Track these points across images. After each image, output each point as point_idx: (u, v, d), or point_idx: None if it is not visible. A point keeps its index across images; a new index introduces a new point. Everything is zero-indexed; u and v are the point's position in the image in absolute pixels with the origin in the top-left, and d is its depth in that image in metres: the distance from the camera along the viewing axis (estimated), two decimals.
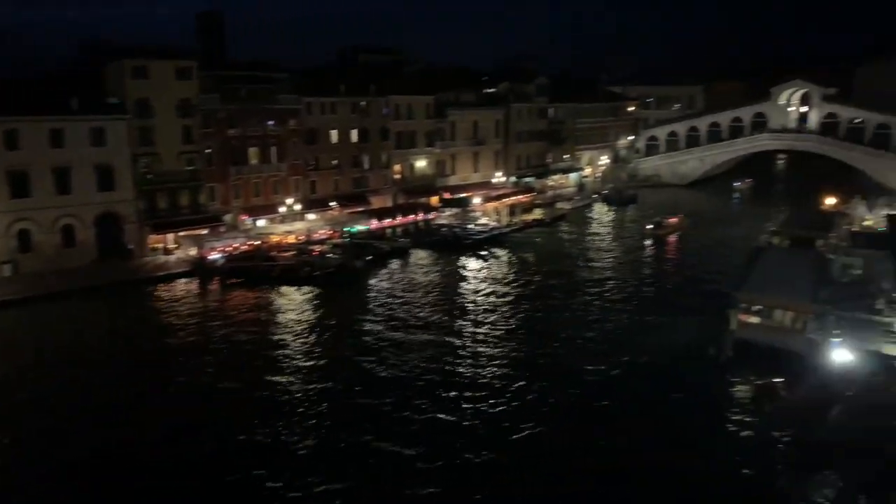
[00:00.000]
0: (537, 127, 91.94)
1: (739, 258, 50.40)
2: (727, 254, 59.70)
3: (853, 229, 57.43)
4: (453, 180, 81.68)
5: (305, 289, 51.80)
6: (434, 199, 76.69)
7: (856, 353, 32.70)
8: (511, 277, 55.29)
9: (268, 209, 65.63)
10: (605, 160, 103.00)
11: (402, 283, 53.44)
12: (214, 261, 55.64)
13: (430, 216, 72.55)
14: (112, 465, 26.86)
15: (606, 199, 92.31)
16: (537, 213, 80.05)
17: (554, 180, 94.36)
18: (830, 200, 72.13)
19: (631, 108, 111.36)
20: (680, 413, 30.94)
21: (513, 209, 77.80)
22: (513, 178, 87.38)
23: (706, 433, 29.08)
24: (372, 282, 54.03)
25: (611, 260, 61.32)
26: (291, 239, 60.79)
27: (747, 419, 30.39)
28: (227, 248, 57.01)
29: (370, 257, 58.51)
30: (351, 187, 72.18)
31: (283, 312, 46.75)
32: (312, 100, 68.49)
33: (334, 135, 70.62)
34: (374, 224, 66.29)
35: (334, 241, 61.51)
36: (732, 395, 33.02)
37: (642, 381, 34.43)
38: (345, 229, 62.70)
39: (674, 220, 73.10)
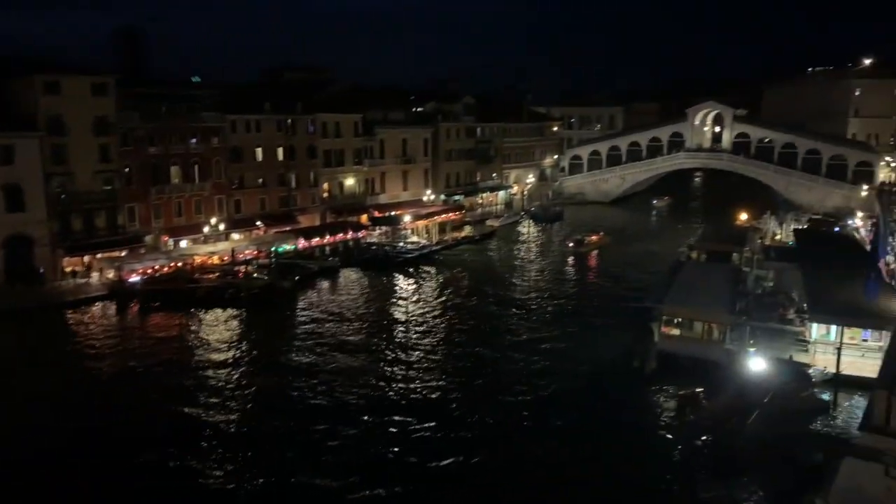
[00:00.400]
0: (466, 146, 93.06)
1: (660, 272, 52.14)
2: (649, 268, 61.66)
3: (765, 243, 60.57)
4: (383, 198, 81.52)
5: (230, 311, 50.37)
6: (363, 218, 76.27)
7: (770, 361, 34.34)
8: (442, 295, 55.43)
9: (191, 229, 63.70)
10: (531, 178, 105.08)
11: (331, 304, 52.73)
12: (134, 283, 53.49)
13: (360, 235, 72.08)
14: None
15: (533, 217, 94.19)
16: (467, 231, 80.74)
17: (483, 198, 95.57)
18: (743, 216, 75.91)
19: (555, 128, 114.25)
20: (607, 425, 31.58)
21: (443, 227, 78.24)
22: (442, 196, 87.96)
23: (632, 443, 29.75)
24: (300, 303, 53.08)
25: (538, 276, 62.38)
26: (216, 260, 59.11)
27: (671, 428, 31.34)
28: (147, 270, 54.91)
29: (298, 277, 57.52)
30: (278, 206, 70.98)
31: (206, 336, 45.26)
32: (237, 117, 67.19)
33: (260, 153, 69.41)
34: (301, 243, 65.27)
35: (260, 261, 60.18)
36: (657, 406, 34.00)
37: (571, 396, 34.99)
38: (271, 249, 61.44)
39: (595, 237, 74.85)
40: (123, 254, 57.64)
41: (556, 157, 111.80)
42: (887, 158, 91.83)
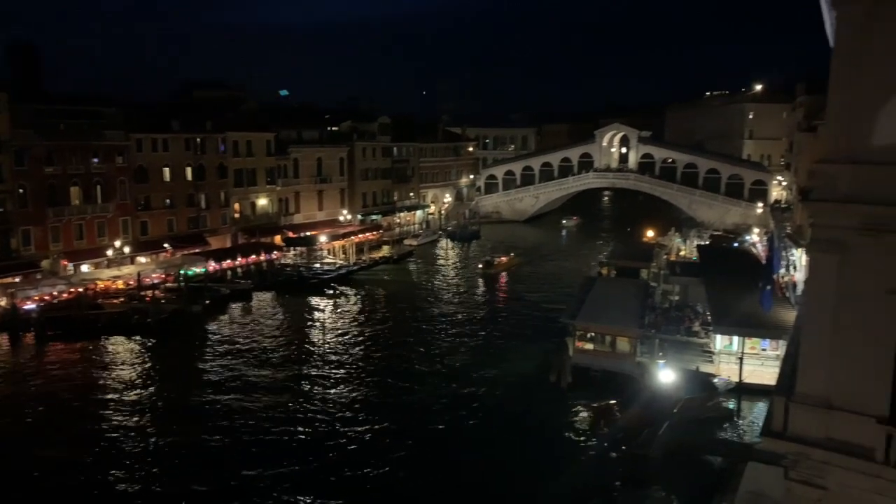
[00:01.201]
0: (382, 165, 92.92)
1: (574, 289, 53.45)
2: (562, 285, 63.11)
3: (671, 259, 63.20)
4: (297, 219, 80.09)
5: (137, 338, 48.04)
6: (277, 239, 74.64)
7: (678, 372, 35.71)
8: (360, 317, 54.80)
9: (93, 253, 60.48)
10: (448, 198, 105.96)
11: (244, 328, 51.13)
12: (29, 311, 50.19)
13: (274, 256, 70.45)
14: None
15: (451, 236, 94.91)
16: (385, 251, 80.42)
17: (400, 217, 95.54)
18: (650, 233, 78.99)
19: (471, 148, 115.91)
20: (526, 439, 31.92)
21: (360, 247, 77.61)
22: (359, 216, 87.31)
23: (550, 456, 30.17)
24: (211, 327, 51.22)
25: (457, 296, 62.69)
26: (120, 284, 56.33)
27: (586, 440, 32.02)
28: (44, 297, 51.68)
29: (208, 301, 55.55)
30: (186, 227, 68.51)
31: (110, 365, 42.92)
32: (143, 136, 64.64)
33: (167, 172, 66.94)
34: (212, 266, 63.11)
35: (168, 285, 57.82)
36: (573, 418, 34.67)
37: (490, 413, 35.22)
38: (180, 272, 59.12)
39: (504, 258, 74.84)
40: (17, 280, 54.06)
41: (472, 176, 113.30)
42: (779, 178, 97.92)
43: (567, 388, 37.59)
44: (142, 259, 62.85)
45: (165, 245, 65.19)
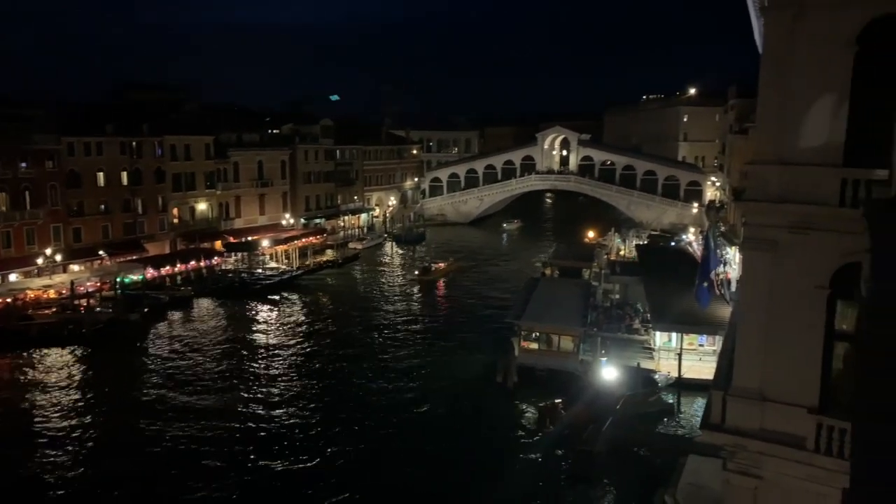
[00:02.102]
0: (325, 168, 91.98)
1: (517, 291, 54.03)
2: (505, 288, 63.63)
3: (611, 258, 64.62)
4: (239, 223, 78.52)
5: (71, 349, 46.23)
6: (218, 244, 72.97)
7: (620, 369, 36.54)
8: (304, 322, 54.11)
9: (22, 261, 57.90)
10: (393, 201, 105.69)
11: (184, 336, 49.81)
12: None
13: (214, 262, 68.88)
14: None
15: (396, 239, 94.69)
16: (329, 255, 79.61)
17: (345, 221, 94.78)
18: (591, 234, 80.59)
19: (415, 151, 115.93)
20: (473, 440, 32.10)
21: (304, 251, 76.62)
22: (302, 220, 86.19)
23: (497, 455, 30.45)
24: (150, 336, 49.72)
25: (402, 300, 62.53)
26: (52, 294, 54.08)
27: (533, 438, 32.43)
28: None
29: (147, 309, 53.85)
30: (123, 234, 66.31)
31: (41, 378, 41.17)
32: (75, 139, 62.31)
33: (102, 177, 64.69)
34: (150, 273, 61.26)
35: (104, 293, 55.84)
36: (519, 418, 35.08)
37: (437, 415, 35.32)
38: (116, 280, 57.19)
39: (442, 264, 72.74)
40: None
41: (416, 179, 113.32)
42: (713, 178, 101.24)
43: (513, 387, 38.00)
44: (75, 267, 60.56)
45: (100, 252, 62.95)
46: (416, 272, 70.84)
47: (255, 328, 52.50)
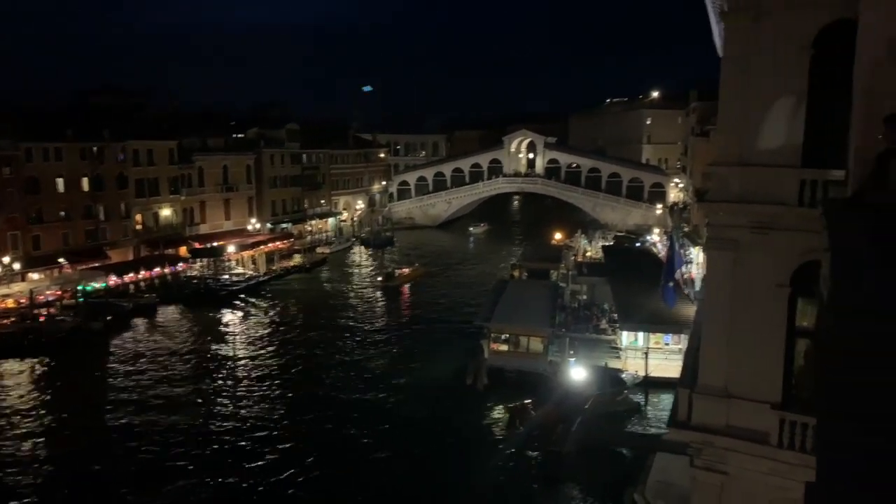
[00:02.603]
0: (291, 172, 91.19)
1: (486, 293, 54.16)
2: (476, 289, 63.76)
3: (578, 260, 65.25)
4: (204, 229, 77.34)
5: (31, 360, 45.00)
6: (182, 250, 71.80)
7: (588, 369, 36.89)
8: (271, 328, 53.54)
9: None
10: (361, 204, 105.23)
11: (148, 345, 48.87)
12: None
13: (179, 268, 67.77)
14: None
15: (364, 242, 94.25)
16: (296, 260, 78.87)
17: (312, 225, 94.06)
18: (558, 235, 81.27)
19: (382, 155, 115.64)
20: (445, 443, 32.09)
21: (270, 256, 75.80)
22: (269, 225, 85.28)
23: (468, 457, 30.47)
24: (114, 345, 48.67)
25: (371, 304, 62.26)
26: (10, 303, 52.61)
27: (503, 440, 32.56)
28: None
29: (110, 318, 52.75)
30: (84, 241, 64.83)
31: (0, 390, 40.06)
32: (33, 145, 60.79)
33: (62, 183, 63.21)
34: (113, 280, 60.01)
35: (65, 301, 54.54)
36: (490, 419, 35.19)
37: (409, 420, 35.20)
38: (78, 288, 55.90)
39: (407, 269, 71.80)
40: None
41: (384, 182, 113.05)
42: (676, 180, 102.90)
43: (483, 389, 38.10)
44: (34, 276, 58.99)
45: (61, 260, 61.47)
46: (380, 278, 69.85)
47: (221, 335, 51.78)
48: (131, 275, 62.41)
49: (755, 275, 13.52)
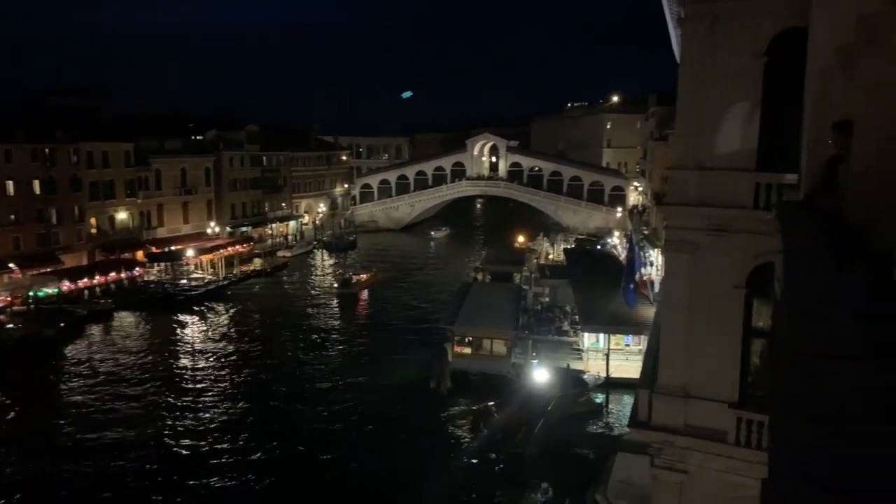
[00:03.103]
0: (252, 175, 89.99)
1: (447, 298, 54.23)
2: (434, 298, 63.66)
3: (540, 262, 65.76)
4: (161, 232, 75.82)
5: None
6: (139, 254, 70.27)
7: (551, 371, 37.16)
8: (231, 333, 52.69)
9: None
10: (323, 207, 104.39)
11: (104, 352, 47.66)
12: None
13: (136, 273, 66.30)
14: None
15: (327, 246, 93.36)
16: (257, 263, 77.80)
17: (273, 229, 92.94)
18: (521, 238, 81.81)
19: (344, 157, 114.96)
20: (408, 445, 31.97)
21: (230, 260, 74.66)
22: (228, 228, 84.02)
23: (432, 460, 30.40)
24: (68, 353, 47.32)
25: (332, 308, 61.76)
26: None
27: (467, 443, 32.59)
28: None
29: (63, 324, 51.29)
30: (36, 245, 62.94)
31: None
32: None
33: (11, 186, 61.30)
34: (66, 285, 58.36)
35: (16, 308, 52.87)
36: (453, 423, 35.18)
37: (373, 425, 35.01)
38: (29, 294, 54.27)
39: (364, 275, 69.92)
40: None
41: (346, 185, 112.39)
42: (635, 183, 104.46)
43: (447, 392, 38.09)
44: None
45: (11, 265, 59.54)
46: (336, 284, 68.33)
47: (179, 341, 50.78)
48: (85, 280, 60.82)
49: (712, 276, 13.78)
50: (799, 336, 2.85)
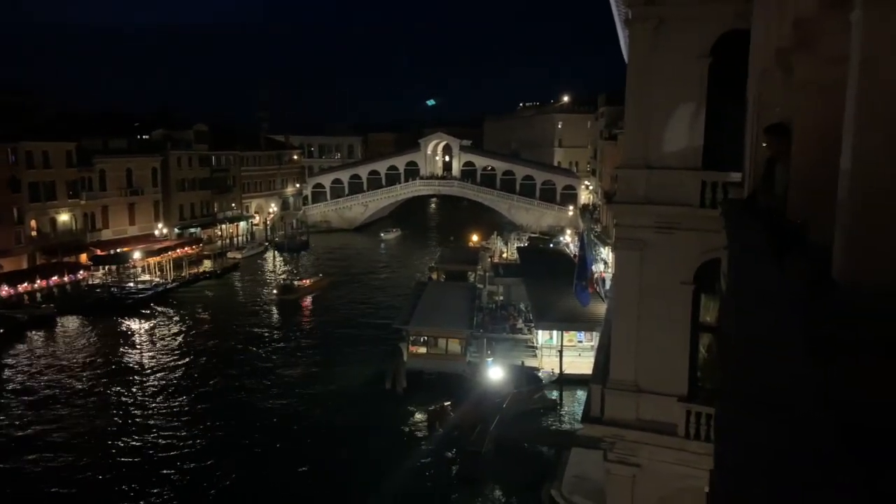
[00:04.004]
0: (200, 175, 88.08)
1: (405, 297, 54.06)
2: (392, 295, 63.51)
3: (494, 261, 66.18)
4: (107, 234, 73.60)
5: None
6: (84, 257, 68.10)
7: (506, 368, 37.44)
8: (180, 338, 51.47)
9: None
10: (274, 207, 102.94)
11: (48, 359, 45.97)
12: None
13: (80, 276, 64.23)
14: None
15: (278, 247, 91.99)
16: (206, 265, 76.25)
17: (222, 230, 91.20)
18: (475, 237, 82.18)
19: (296, 157, 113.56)
20: (363, 447, 31.74)
21: (179, 262, 72.96)
22: (177, 230, 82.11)
23: (387, 461, 30.26)
24: (7, 361, 45.47)
25: (285, 311, 60.68)
26: None
27: (422, 442, 32.57)
28: None
29: (2, 330, 49.33)
30: None
31: None
32: None
33: None
34: (4, 290, 56.22)
35: None
36: (409, 423, 35.10)
37: (326, 428, 34.64)
38: None
39: (308, 280, 67.26)
40: None
41: (298, 185, 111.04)
42: (587, 182, 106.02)
43: (402, 393, 37.99)
44: None
45: None
46: (276, 291, 64.35)
47: (126, 346, 49.36)
48: (26, 284, 58.63)
49: (661, 273, 14.08)
50: (742, 330, 2.93)
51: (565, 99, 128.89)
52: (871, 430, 1.77)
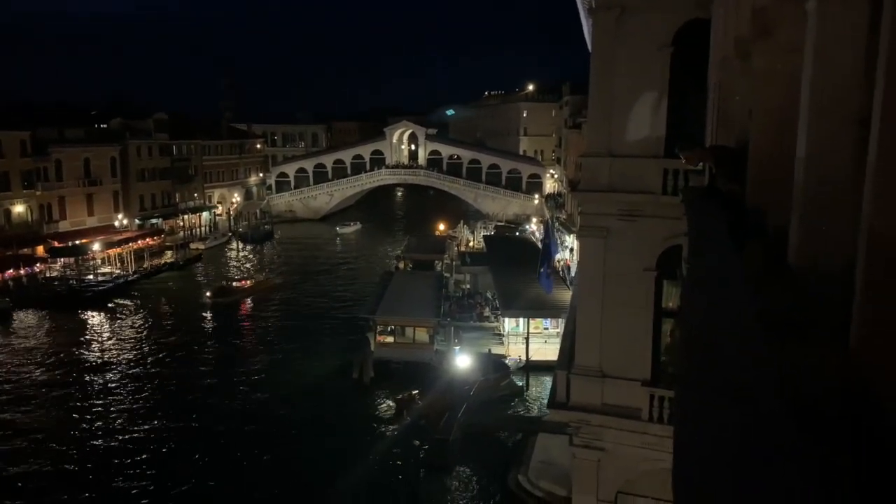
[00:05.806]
0: (161, 165, 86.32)
1: (371, 285, 53.90)
2: (359, 283, 63.27)
3: (461, 250, 66.33)
4: (64, 226, 71.75)
5: None
6: (40, 249, 66.30)
7: (473, 356, 37.64)
8: (142, 331, 50.52)
9: None
10: (237, 197, 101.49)
11: (2, 356, 44.73)
12: None
13: (37, 269, 62.55)
14: None
15: (242, 237, 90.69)
16: (168, 256, 74.92)
17: (184, 220, 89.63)
18: (442, 226, 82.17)
19: (259, 146, 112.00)
20: (330, 437, 31.64)
21: (140, 254, 71.54)
22: (137, 221, 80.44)
23: (355, 451, 30.25)
24: None
25: (249, 302, 60.06)
26: None
27: (390, 431, 32.60)
28: None
29: None
30: None
31: None
32: None
33: None
34: None
35: None
36: (376, 412, 35.11)
37: (292, 417, 34.42)
38: None
39: (248, 282, 63.24)
40: None
41: (262, 174, 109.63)
42: (552, 171, 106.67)
43: (370, 382, 37.94)
44: None
45: None
46: (209, 293, 58.38)
47: (86, 340, 48.29)
48: None
49: (625, 260, 14.26)
50: (701, 315, 2.98)
51: (530, 88, 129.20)
52: (823, 412, 1.82)
